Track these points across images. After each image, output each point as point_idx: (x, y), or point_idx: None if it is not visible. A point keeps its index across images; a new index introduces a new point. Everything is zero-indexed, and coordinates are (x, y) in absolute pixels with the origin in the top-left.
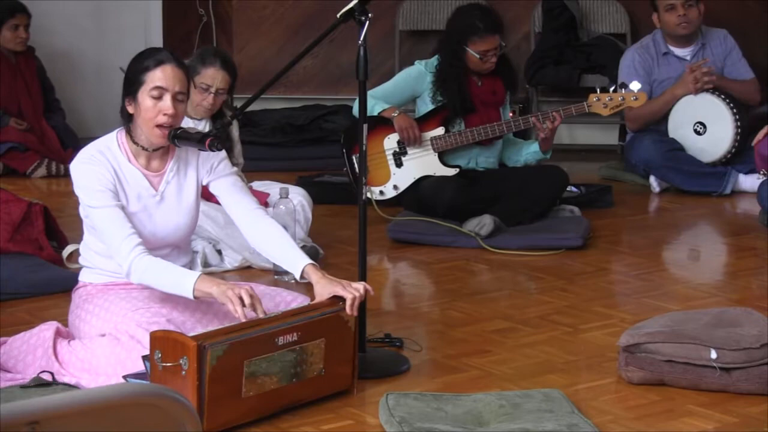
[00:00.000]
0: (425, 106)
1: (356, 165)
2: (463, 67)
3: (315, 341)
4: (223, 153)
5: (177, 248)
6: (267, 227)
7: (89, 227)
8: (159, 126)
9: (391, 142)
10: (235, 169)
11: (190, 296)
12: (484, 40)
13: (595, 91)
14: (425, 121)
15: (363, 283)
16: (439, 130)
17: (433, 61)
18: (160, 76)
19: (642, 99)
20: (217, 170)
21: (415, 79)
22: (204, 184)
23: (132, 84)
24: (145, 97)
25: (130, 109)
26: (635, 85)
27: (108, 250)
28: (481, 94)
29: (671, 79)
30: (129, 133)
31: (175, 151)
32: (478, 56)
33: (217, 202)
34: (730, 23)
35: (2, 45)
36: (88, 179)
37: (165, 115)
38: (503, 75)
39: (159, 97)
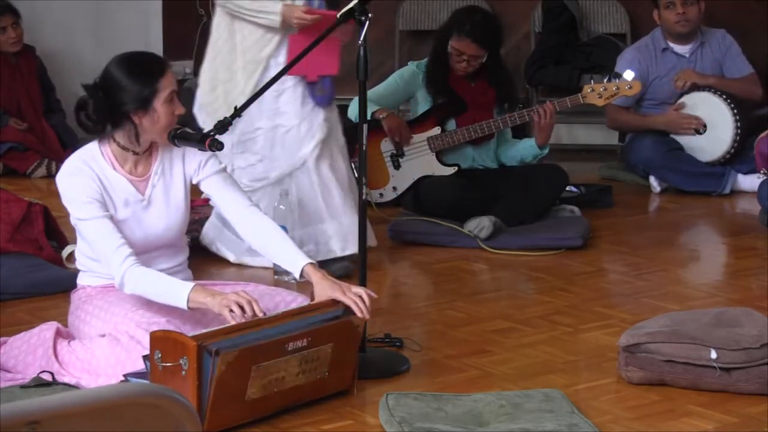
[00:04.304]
0: (419, 105)
1: (355, 170)
2: (446, 61)
3: (323, 346)
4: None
5: (172, 247)
6: (263, 224)
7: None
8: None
9: (387, 144)
10: (223, 165)
11: (185, 307)
12: (460, 40)
13: (590, 83)
14: (421, 122)
15: (363, 288)
16: (435, 130)
17: (425, 61)
18: (171, 80)
19: (636, 88)
20: (205, 168)
21: (408, 79)
22: (194, 182)
23: (144, 99)
24: (161, 105)
25: (138, 120)
26: (629, 74)
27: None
28: (472, 93)
29: (669, 75)
30: (115, 140)
31: (158, 153)
32: (450, 51)
33: None
34: (730, 23)
35: None
36: (74, 191)
37: (177, 114)
38: (498, 89)
39: (171, 100)
